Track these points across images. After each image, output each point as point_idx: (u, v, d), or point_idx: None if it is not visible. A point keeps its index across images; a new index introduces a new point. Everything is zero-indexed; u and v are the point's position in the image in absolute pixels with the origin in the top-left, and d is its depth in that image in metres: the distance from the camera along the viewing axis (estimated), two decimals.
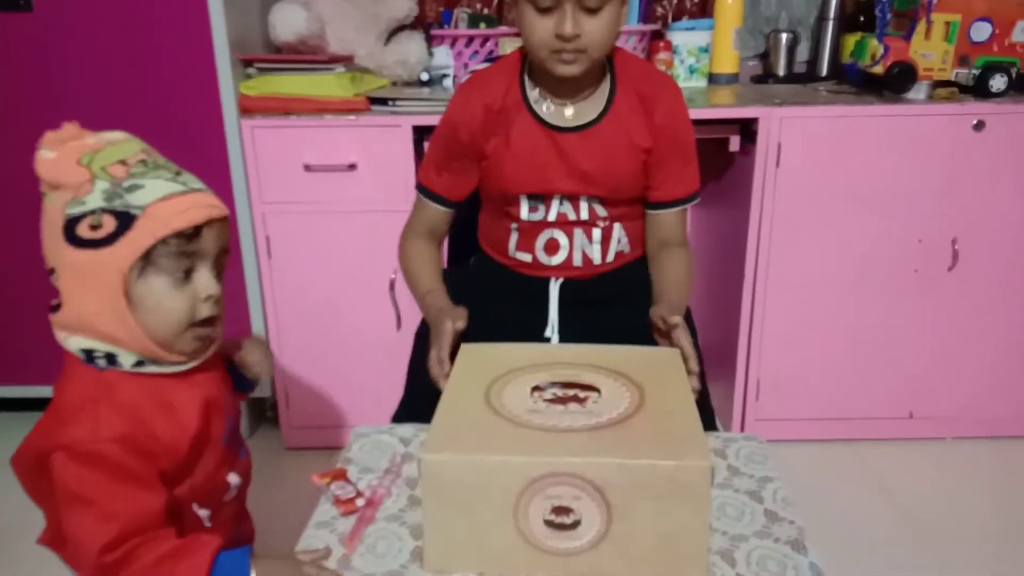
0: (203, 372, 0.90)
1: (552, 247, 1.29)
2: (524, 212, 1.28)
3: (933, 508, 1.84)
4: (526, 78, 1.25)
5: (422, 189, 1.32)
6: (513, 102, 1.24)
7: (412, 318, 1.98)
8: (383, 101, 1.88)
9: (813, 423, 2.08)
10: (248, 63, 1.88)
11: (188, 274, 0.84)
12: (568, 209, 1.27)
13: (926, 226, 1.91)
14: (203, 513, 0.92)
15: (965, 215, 1.90)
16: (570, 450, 0.77)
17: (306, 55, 1.95)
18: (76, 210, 0.80)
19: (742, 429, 2.06)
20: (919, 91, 1.90)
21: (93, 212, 0.79)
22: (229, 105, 1.83)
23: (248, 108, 1.84)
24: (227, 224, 0.87)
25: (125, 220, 0.79)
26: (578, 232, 1.27)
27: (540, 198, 1.26)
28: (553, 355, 0.99)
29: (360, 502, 0.92)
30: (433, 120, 1.27)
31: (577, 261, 1.29)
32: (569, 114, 1.23)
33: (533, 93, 1.24)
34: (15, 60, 1.79)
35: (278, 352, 2.00)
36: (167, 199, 0.81)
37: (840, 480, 1.95)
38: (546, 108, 1.24)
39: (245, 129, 1.83)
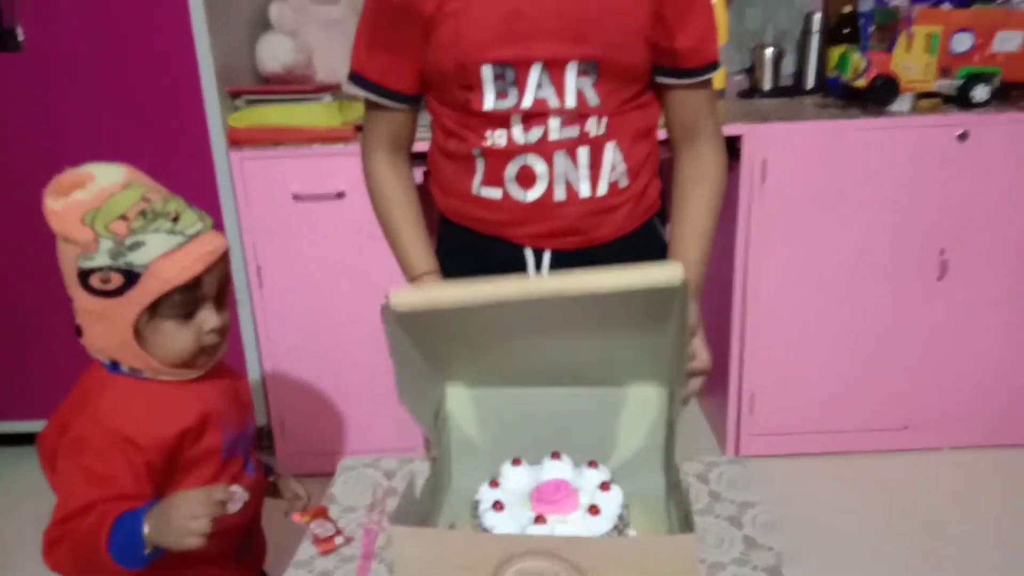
0: (206, 383, 0.97)
1: (527, 177, 1.03)
2: (489, 99, 0.99)
3: (933, 519, 1.83)
4: None
5: (354, 77, 1.06)
6: None
7: None
8: None
9: (809, 436, 2.07)
10: (236, 95, 1.90)
11: (192, 313, 0.92)
12: (549, 92, 0.99)
13: (914, 237, 1.91)
14: None
15: (953, 225, 1.90)
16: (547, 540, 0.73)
17: (293, 85, 1.98)
18: (86, 264, 0.87)
19: (737, 445, 2.06)
20: (903, 103, 1.91)
21: (101, 269, 0.87)
22: (217, 137, 1.85)
23: (237, 140, 1.86)
24: (226, 258, 0.94)
25: (130, 277, 0.87)
26: (560, 156, 1.02)
27: (511, 71, 0.98)
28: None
29: (339, 540, 0.93)
30: (422, 146, 1.18)
31: (560, 195, 1.03)
32: None
33: None
34: (6, 98, 1.81)
35: (272, 380, 2.01)
36: (167, 255, 0.88)
37: (837, 493, 1.95)
38: None
39: (234, 161, 1.84)
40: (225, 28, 1.88)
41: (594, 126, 1.03)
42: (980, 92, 1.87)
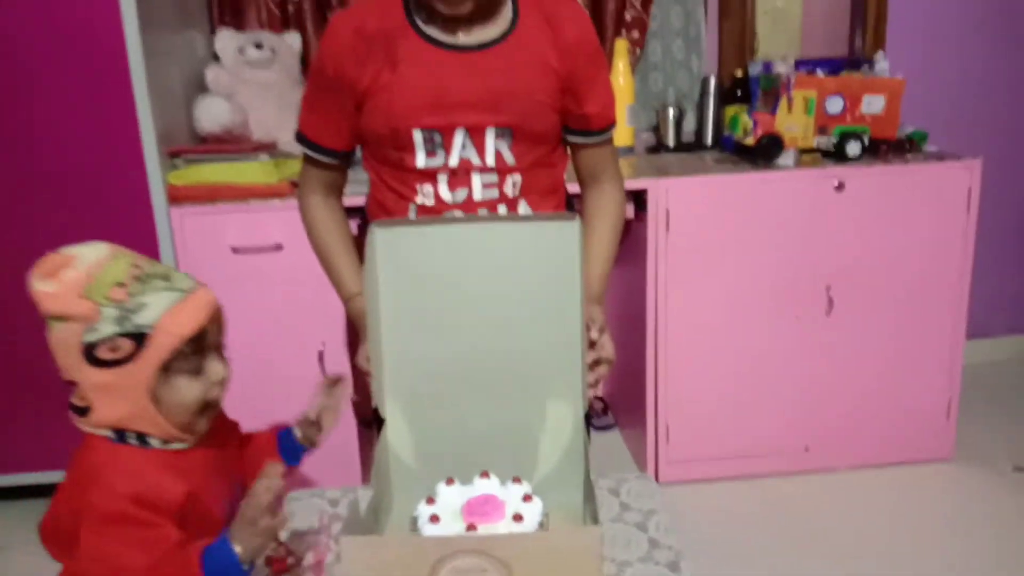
0: (200, 451, 1.00)
1: None
2: (421, 157, 1.15)
3: (833, 534, 2.01)
4: (411, 1, 1.14)
5: (298, 136, 1.24)
6: (395, 25, 1.13)
7: None
8: None
9: (720, 462, 2.25)
10: (175, 154, 2.00)
11: (201, 368, 0.96)
12: (472, 153, 1.15)
13: (803, 276, 2.13)
14: None
15: (836, 264, 2.13)
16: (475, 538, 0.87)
17: (230, 145, 2.08)
18: (92, 337, 0.89)
19: (656, 472, 2.22)
20: (788, 158, 2.14)
21: (109, 338, 0.89)
22: (158, 195, 1.93)
23: (176, 197, 1.95)
24: (221, 311, 0.99)
25: (140, 340, 0.90)
26: (482, 212, 1.18)
27: (438, 135, 1.14)
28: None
29: (291, 561, 1.03)
30: (356, 200, 1.36)
31: None
32: (464, 34, 1.13)
33: (420, 15, 1.14)
34: None
35: None
36: (171, 311, 0.92)
37: (747, 513, 2.12)
38: (438, 29, 1.13)
39: (174, 217, 1.93)
40: (164, 91, 1.99)
41: (510, 188, 1.20)
42: (853, 147, 2.12)
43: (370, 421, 1.16)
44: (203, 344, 0.96)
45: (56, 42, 1.83)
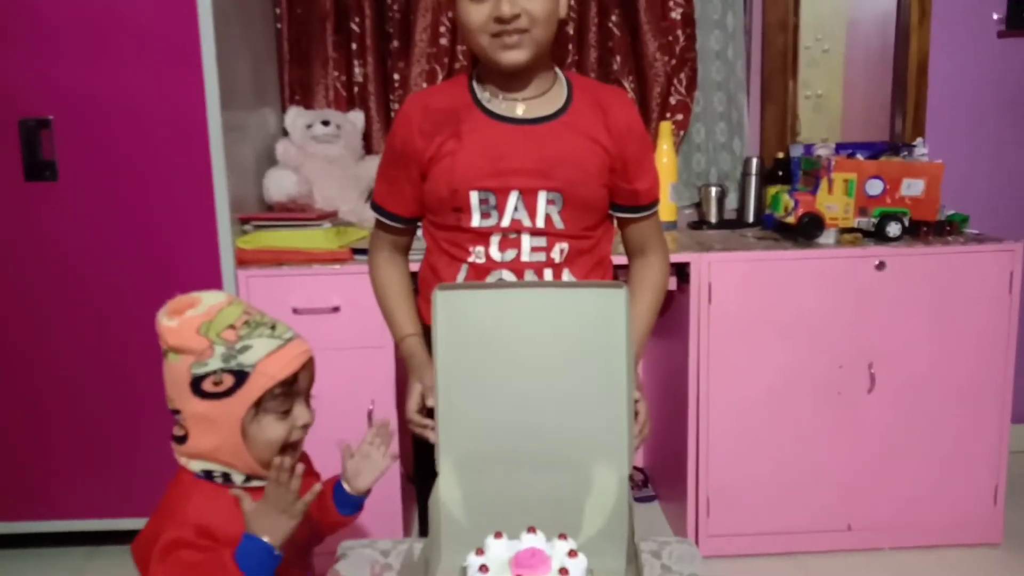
0: None
1: None
2: (476, 218, 1.26)
3: None
4: (474, 83, 1.29)
5: (372, 204, 1.40)
6: (462, 103, 1.27)
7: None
8: (364, 251, 2.13)
9: (761, 537, 2.24)
10: (245, 221, 2.14)
11: (288, 411, 1.06)
12: (523, 215, 1.26)
13: (844, 353, 2.16)
14: None
15: (877, 342, 2.16)
16: None
17: (296, 213, 2.22)
18: (200, 370, 1.01)
19: (696, 544, 2.21)
20: (828, 236, 2.20)
21: (215, 372, 1.01)
22: (227, 257, 2.06)
23: (244, 260, 2.08)
24: (313, 361, 1.11)
25: (240, 377, 1.01)
26: (528, 274, 1.28)
27: (493, 196, 1.25)
28: None
29: None
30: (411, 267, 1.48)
31: None
32: (522, 110, 1.27)
33: (484, 94, 1.28)
34: (43, 222, 2.03)
35: None
36: (271, 355, 1.03)
37: None
38: (498, 105, 1.27)
39: (241, 278, 2.06)
40: (238, 162, 2.14)
41: (557, 254, 1.30)
42: (893, 228, 2.17)
43: (412, 476, 1.24)
44: (293, 389, 1.06)
45: (144, 114, 2.00)
